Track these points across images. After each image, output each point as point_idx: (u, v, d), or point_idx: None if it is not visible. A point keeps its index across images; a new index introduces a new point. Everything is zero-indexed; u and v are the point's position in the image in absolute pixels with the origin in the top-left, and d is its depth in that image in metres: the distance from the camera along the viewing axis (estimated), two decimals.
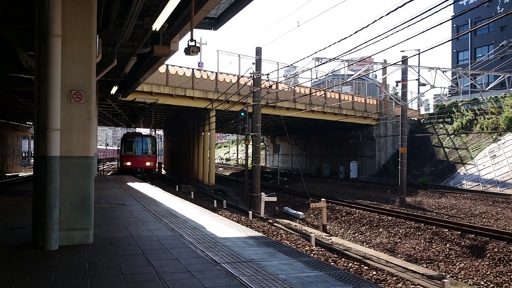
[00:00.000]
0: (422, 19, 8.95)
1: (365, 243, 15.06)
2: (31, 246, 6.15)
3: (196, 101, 28.28)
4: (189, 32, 10.07)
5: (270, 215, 19.91)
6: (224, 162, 77.82)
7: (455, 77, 34.49)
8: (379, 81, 41.78)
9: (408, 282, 9.46)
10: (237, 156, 70.56)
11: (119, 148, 37.62)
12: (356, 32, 10.66)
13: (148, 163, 31.90)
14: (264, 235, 7.52)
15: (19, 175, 38.17)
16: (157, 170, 36.94)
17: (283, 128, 24.28)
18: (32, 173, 7.68)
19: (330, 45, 11.80)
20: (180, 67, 27.40)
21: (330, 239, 14.99)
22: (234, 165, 68.99)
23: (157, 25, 10.49)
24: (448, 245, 13.66)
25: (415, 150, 36.34)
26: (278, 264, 5.37)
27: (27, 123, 44.40)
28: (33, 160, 6.63)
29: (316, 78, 32.27)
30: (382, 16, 9.41)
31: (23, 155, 55.71)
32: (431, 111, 45.11)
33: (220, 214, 13.73)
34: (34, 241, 6.22)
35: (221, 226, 8.12)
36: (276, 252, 6.01)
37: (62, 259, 5.46)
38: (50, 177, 5.98)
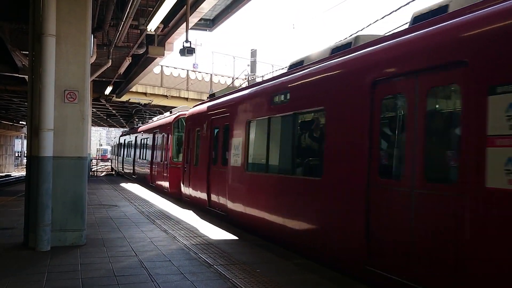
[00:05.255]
0: None
1: None
2: (23, 247, 6.10)
3: (190, 102, 28.18)
4: (184, 33, 10.08)
5: None
6: None
7: None
8: None
9: None
10: None
11: None
12: (350, 36, 10.68)
13: None
14: (258, 238, 7.51)
15: (12, 175, 37.87)
16: None
17: None
18: (25, 173, 7.62)
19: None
20: (175, 68, 27.41)
21: None
22: None
23: (152, 26, 10.49)
24: None
25: None
26: (271, 266, 5.35)
27: (20, 122, 44.17)
28: (26, 160, 6.59)
29: None
30: (377, 20, 9.44)
31: (16, 155, 55.37)
32: None
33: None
34: (25, 242, 6.18)
35: (214, 228, 8.10)
36: (270, 255, 6.00)
37: (54, 260, 5.41)
38: (42, 178, 5.93)
